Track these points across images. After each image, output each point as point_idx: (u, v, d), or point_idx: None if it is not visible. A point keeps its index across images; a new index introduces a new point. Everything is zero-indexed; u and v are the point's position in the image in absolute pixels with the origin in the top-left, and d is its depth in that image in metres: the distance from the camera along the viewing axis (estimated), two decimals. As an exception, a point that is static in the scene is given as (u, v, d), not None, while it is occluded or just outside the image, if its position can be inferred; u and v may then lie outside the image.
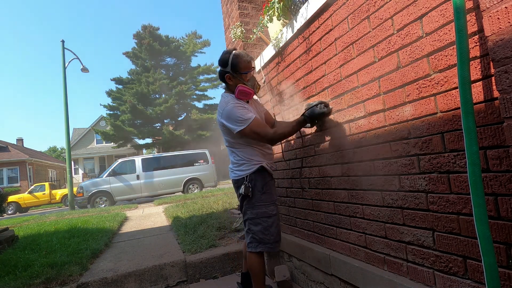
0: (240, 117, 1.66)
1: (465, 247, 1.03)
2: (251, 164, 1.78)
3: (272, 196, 1.81)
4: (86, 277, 2.37)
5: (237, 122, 1.67)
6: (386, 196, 1.34)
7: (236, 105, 1.71)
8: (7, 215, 13.26)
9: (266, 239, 1.74)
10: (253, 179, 1.76)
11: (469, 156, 0.88)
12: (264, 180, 1.78)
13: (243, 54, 1.75)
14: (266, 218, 1.75)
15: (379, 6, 1.29)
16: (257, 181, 1.76)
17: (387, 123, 1.31)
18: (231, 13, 2.79)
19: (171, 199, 8.27)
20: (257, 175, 1.77)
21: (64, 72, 11.20)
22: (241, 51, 1.78)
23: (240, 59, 1.73)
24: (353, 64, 1.47)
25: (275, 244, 1.78)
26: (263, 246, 1.74)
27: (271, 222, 1.75)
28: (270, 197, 1.79)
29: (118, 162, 10.59)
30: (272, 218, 1.76)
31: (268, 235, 1.74)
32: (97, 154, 28.04)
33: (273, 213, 1.77)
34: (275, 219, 1.78)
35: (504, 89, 0.80)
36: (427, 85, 1.11)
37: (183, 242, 3.10)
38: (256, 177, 1.77)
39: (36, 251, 3.20)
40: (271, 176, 1.84)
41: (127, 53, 24.09)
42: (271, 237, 1.75)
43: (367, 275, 1.44)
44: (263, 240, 1.74)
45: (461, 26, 0.90)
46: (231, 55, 1.73)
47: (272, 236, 1.75)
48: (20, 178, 21.79)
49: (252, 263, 1.78)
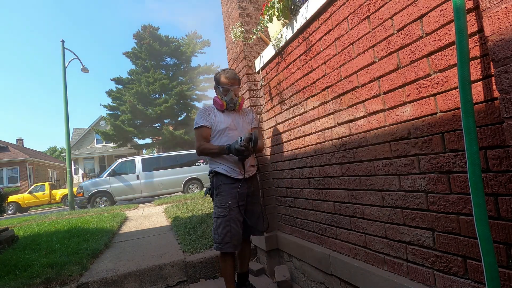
0: (196, 120, 1.98)
1: (465, 247, 1.03)
2: (212, 165, 1.99)
3: (224, 198, 1.89)
4: (86, 277, 2.37)
5: (194, 123, 2.00)
6: (386, 196, 1.34)
7: (201, 109, 2.01)
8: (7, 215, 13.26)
9: (215, 238, 1.89)
10: (212, 180, 1.99)
11: (469, 156, 0.88)
12: (218, 183, 1.94)
13: (226, 72, 2.02)
14: (215, 218, 1.90)
15: (379, 6, 1.29)
16: (213, 183, 1.98)
17: (387, 123, 1.31)
18: (231, 13, 2.79)
19: (171, 199, 8.27)
20: (214, 177, 1.97)
21: (64, 72, 11.19)
22: (230, 71, 2.04)
23: (222, 76, 2.00)
24: (353, 64, 1.47)
25: (223, 245, 1.84)
26: (214, 245, 1.90)
27: (219, 222, 1.87)
28: (222, 199, 1.90)
29: (118, 162, 10.58)
30: (220, 219, 1.87)
31: (216, 234, 1.89)
32: (97, 154, 28.02)
33: (221, 214, 1.87)
34: (223, 220, 1.86)
35: (504, 89, 0.80)
36: (427, 85, 1.11)
37: (183, 242, 3.09)
38: (213, 179, 1.98)
39: (36, 251, 3.20)
40: (230, 179, 1.92)
41: (127, 53, 24.09)
42: (218, 237, 1.86)
43: (367, 275, 1.44)
44: (214, 238, 1.90)
45: (461, 26, 0.90)
46: (219, 72, 2.05)
47: (220, 237, 1.85)
48: (20, 178, 21.78)
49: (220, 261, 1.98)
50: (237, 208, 1.90)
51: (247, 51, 2.60)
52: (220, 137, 1.97)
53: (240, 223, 1.90)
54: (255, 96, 2.61)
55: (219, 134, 1.97)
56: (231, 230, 1.85)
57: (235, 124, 2.01)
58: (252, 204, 2.02)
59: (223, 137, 1.96)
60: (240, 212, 1.91)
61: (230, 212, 1.87)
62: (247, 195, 1.97)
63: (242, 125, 2.04)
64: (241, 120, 2.05)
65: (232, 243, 1.85)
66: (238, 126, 2.01)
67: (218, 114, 2.00)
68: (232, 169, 1.93)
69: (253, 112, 2.18)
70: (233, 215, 1.87)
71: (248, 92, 2.59)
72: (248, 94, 2.59)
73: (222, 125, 1.96)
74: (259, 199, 2.11)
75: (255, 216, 2.03)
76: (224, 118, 1.99)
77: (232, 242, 1.85)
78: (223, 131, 1.96)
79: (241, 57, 2.64)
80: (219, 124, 1.97)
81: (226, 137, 1.96)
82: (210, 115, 1.99)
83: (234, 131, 1.98)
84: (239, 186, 1.91)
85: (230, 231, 1.84)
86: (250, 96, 2.59)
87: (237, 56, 2.73)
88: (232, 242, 1.85)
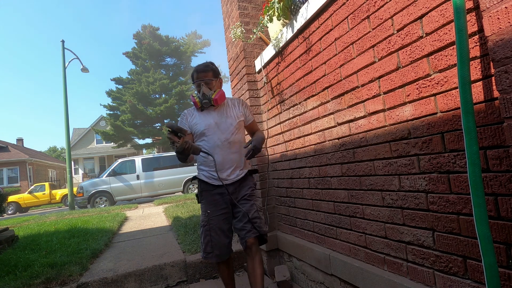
0: None
1: (465, 247, 1.03)
2: (198, 171, 1.86)
3: (204, 206, 1.78)
4: (86, 277, 2.37)
5: None
6: (386, 196, 1.34)
7: (181, 114, 1.86)
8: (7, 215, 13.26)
9: (200, 246, 1.79)
10: (198, 186, 1.85)
11: (469, 156, 0.88)
12: (200, 189, 1.83)
13: (197, 66, 1.82)
14: (199, 227, 1.80)
15: (379, 6, 1.29)
16: (198, 188, 1.86)
17: (387, 123, 1.31)
18: (231, 13, 2.79)
19: (171, 199, 8.27)
20: (199, 182, 1.84)
21: (64, 72, 11.20)
22: (202, 63, 1.83)
23: (193, 71, 1.80)
24: (353, 64, 1.47)
25: (206, 254, 1.73)
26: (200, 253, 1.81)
27: (201, 232, 1.77)
28: (203, 207, 1.79)
29: (118, 162, 10.57)
30: (201, 228, 1.77)
31: (200, 243, 1.79)
32: (97, 154, 28.02)
33: (202, 224, 1.76)
34: (203, 230, 1.75)
35: (504, 89, 0.80)
36: (427, 85, 1.11)
37: (183, 242, 3.09)
38: (199, 185, 1.85)
39: (36, 251, 3.20)
40: (210, 185, 1.77)
41: (127, 53, 24.11)
42: (202, 246, 1.76)
43: (367, 275, 1.44)
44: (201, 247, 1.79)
45: (461, 26, 0.90)
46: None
47: (202, 246, 1.75)
48: (20, 178, 21.78)
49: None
50: (219, 217, 1.73)
51: (247, 51, 2.60)
52: (199, 141, 1.77)
53: (223, 232, 1.73)
54: (255, 96, 2.61)
55: (197, 138, 1.78)
56: (212, 239, 1.71)
57: (217, 123, 1.75)
58: (242, 205, 1.75)
59: (200, 141, 1.76)
60: (222, 220, 1.74)
61: (210, 221, 1.72)
62: (231, 201, 1.76)
63: (226, 121, 1.77)
64: (225, 116, 1.79)
65: (214, 253, 1.71)
66: (220, 125, 1.75)
67: (197, 116, 1.79)
68: (211, 175, 1.76)
69: (242, 104, 1.89)
70: (212, 224, 1.72)
71: (248, 92, 2.59)
72: (248, 94, 2.59)
73: (198, 127, 1.76)
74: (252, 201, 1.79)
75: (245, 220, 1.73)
76: (202, 119, 1.77)
77: (214, 252, 1.71)
78: (200, 135, 1.76)
79: (241, 57, 2.64)
80: (196, 126, 1.77)
81: (204, 141, 1.75)
82: (188, 118, 1.80)
83: (214, 133, 1.74)
84: (220, 193, 1.74)
85: (211, 240, 1.71)
86: (250, 96, 2.59)
87: (237, 56, 2.73)
88: (214, 252, 1.71)
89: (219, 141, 1.73)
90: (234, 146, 1.77)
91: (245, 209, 1.73)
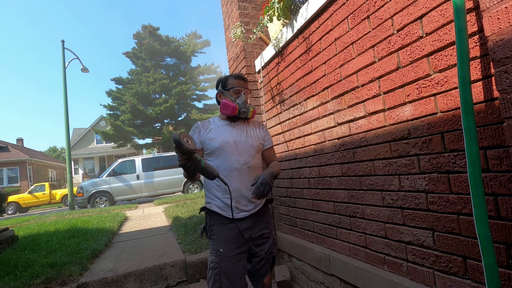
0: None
1: (465, 247, 1.03)
2: (206, 199, 1.53)
3: (216, 243, 1.43)
4: (86, 277, 2.37)
5: None
6: (386, 196, 1.34)
7: (192, 127, 1.54)
8: (7, 215, 13.25)
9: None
10: (206, 218, 1.52)
11: (469, 156, 0.88)
12: (210, 223, 1.48)
13: (233, 74, 1.61)
14: (207, 269, 1.46)
15: (379, 6, 1.29)
16: (206, 222, 1.52)
17: (387, 123, 1.31)
18: (231, 13, 2.79)
19: (171, 199, 8.27)
20: (207, 215, 1.52)
21: (64, 72, 11.19)
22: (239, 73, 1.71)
23: (229, 78, 1.57)
24: (353, 64, 1.47)
25: None
26: None
27: (209, 275, 1.41)
28: (214, 245, 1.44)
29: (118, 162, 10.57)
30: (210, 272, 1.41)
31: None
32: (97, 154, 28.01)
33: (211, 266, 1.40)
34: (212, 273, 1.38)
35: (504, 89, 0.80)
36: (427, 85, 1.11)
37: (183, 242, 3.10)
38: (207, 217, 1.51)
39: (36, 251, 3.20)
40: (226, 219, 1.43)
41: (127, 53, 24.09)
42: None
43: (367, 275, 1.44)
44: None
45: (461, 26, 0.90)
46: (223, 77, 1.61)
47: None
48: (20, 178, 21.78)
49: None
50: (234, 258, 1.40)
51: (247, 51, 2.60)
52: (209, 160, 1.48)
53: (238, 276, 1.40)
54: (255, 96, 2.61)
55: (208, 156, 1.48)
56: (222, 286, 1.36)
57: (236, 142, 1.47)
58: (258, 246, 1.49)
59: (211, 160, 1.47)
60: (238, 262, 1.41)
61: (221, 263, 1.38)
62: (250, 238, 1.45)
63: (246, 141, 1.50)
64: (246, 135, 1.52)
65: None
66: (239, 145, 1.47)
67: (213, 130, 1.49)
68: (226, 205, 1.43)
69: (262, 126, 1.63)
70: (225, 267, 1.37)
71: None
72: (248, 94, 2.59)
73: (213, 143, 1.45)
74: (271, 237, 1.54)
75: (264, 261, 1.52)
76: (218, 134, 1.48)
77: None
78: (212, 153, 1.46)
79: (241, 57, 2.64)
80: (210, 142, 1.46)
81: (218, 161, 1.44)
82: (201, 132, 1.49)
83: (231, 153, 1.45)
84: (236, 227, 1.40)
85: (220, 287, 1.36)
86: (250, 96, 2.59)
87: (237, 56, 2.73)
88: None
89: (238, 164, 1.44)
90: (254, 171, 1.49)
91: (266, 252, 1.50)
